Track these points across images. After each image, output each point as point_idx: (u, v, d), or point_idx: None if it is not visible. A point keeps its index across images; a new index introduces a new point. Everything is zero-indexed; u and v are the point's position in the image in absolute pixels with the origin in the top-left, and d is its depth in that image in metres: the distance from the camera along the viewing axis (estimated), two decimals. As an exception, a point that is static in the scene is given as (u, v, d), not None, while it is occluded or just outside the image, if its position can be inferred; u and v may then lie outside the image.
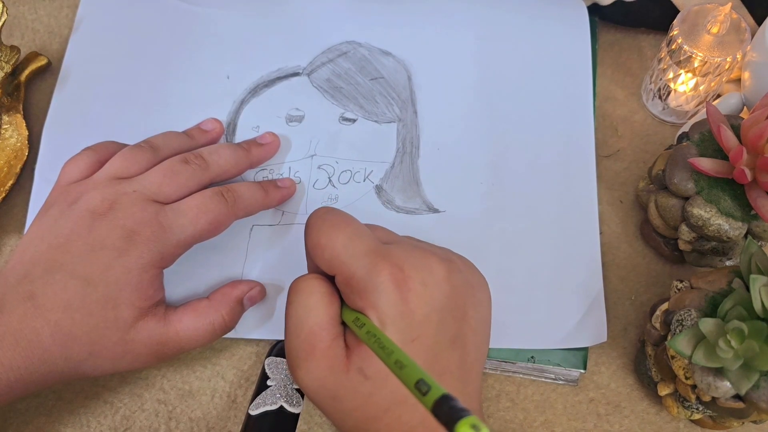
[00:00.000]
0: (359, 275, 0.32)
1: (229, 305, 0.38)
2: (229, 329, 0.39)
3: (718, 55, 0.43)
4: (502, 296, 0.41)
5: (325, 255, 0.33)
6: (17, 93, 0.47)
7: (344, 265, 0.32)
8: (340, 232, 0.33)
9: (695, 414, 0.38)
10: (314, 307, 0.33)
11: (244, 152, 0.42)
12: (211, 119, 0.45)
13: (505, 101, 0.47)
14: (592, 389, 0.42)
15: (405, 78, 0.47)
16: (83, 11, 0.49)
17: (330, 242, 0.33)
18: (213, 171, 0.39)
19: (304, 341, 0.32)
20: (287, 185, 0.43)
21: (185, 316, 0.37)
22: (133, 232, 0.35)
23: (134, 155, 0.38)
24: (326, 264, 0.33)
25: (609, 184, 0.47)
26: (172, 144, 0.41)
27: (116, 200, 0.36)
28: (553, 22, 0.50)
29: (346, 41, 0.48)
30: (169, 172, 0.38)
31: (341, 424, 0.33)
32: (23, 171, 0.45)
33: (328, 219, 0.34)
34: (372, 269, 0.31)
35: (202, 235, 0.37)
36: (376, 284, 0.31)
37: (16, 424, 0.40)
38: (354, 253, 0.32)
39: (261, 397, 0.38)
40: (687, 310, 0.35)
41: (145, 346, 0.36)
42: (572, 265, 0.43)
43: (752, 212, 0.38)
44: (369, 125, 0.46)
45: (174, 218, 0.36)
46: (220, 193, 0.38)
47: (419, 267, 0.32)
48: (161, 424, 0.40)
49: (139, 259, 0.35)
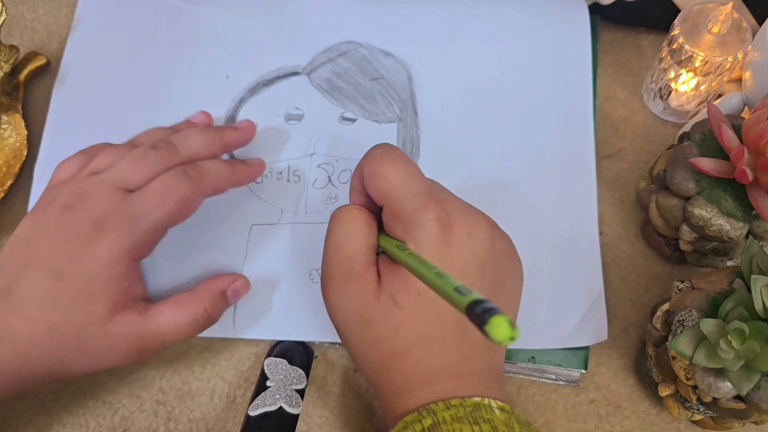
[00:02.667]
0: (408, 210, 0.33)
1: (211, 296, 0.38)
2: (212, 321, 0.38)
3: (719, 54, 0.43)
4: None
5: (380, 184, 0.34)
6: (16, 93, 0.47)
7: (397, 198, 0.34)
8: (401, 167, 0.34)
9: (696, 415, 0.38)
10: (355, 234, 0.34)
11: (216, 134, 0.41)
12: (201, 112, 0.44)
13: (505, 101, 0.47)
14: (592, 390, 0.42)
15: (405, 78, 0.47)
16: (81, 10, 0.49)
17: (389, 174, 0.34)
18: (183, 154, 0.39)
19: (341, 264, 0.34)
20: (256, 162, 0.42)
21: (166, 308, 0.36)
22: (101, 223, 0.34)
23: (114, 151, 0.38)
24: (379, 193, 0.34)
25: (610, 184, 0.47)
26: (153, 137, 0.40)
27: (84, 193, 0.36)
28: (553, 21, 0.49)
29: (346, 41, 0.48)
30: (136, 159, 0.37)
31: (365, 358, 0.34)
32: (22, 171, 0.45)
33: (392, 152, 0.35)
34: (422, 207, 0.33)
35: (173, 217, 0.36)
36: (423, 221, 0.33)
37: (15, 425, 0.39)
38: (409, 189, 0.34)
39: (260, 398, 0.38)
40: (688, 311, 0.35)
41: (125, 340, 0.35)
42: (572, 264, 0.43)
43: (753, 212, 0.38)
44: (369, 125, 0.46)
45: (140, 203, 0.35)
46: (184, 171, 0.37)
47: (466, 218, 0.34)
48: (160, 425, 0.40)
49: (109, 250, 0.34)
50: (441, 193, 0.35)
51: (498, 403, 0.31)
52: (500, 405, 0.31)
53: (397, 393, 0.33)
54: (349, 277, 0.34)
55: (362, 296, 0.33)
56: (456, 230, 0.33)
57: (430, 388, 0.32)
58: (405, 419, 0.31)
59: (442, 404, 0.31)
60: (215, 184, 0.39)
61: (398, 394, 0.33)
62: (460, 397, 0.31)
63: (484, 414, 0.30)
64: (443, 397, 0.31)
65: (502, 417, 0.31)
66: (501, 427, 0.30)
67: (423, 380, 0.32)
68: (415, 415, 0.31)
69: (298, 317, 0.41)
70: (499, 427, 0.30)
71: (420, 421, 0.31)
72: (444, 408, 0.31)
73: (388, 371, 0.33)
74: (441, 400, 0.31)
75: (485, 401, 0.31)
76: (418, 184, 0.34)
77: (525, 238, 0.43)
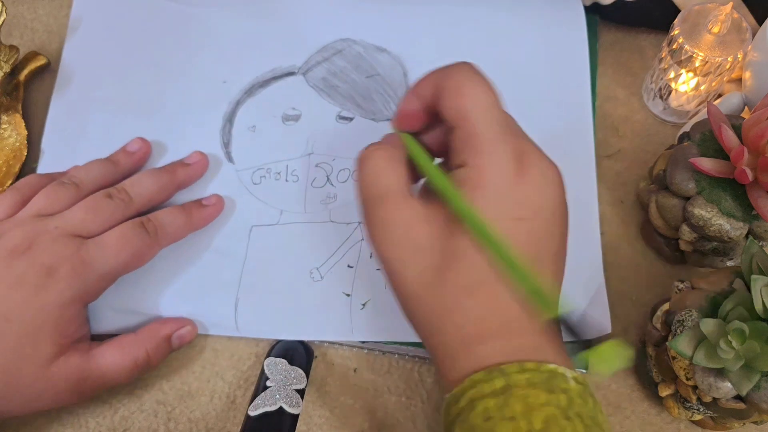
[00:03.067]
0: (486, 136, 0.31)
1: (155, 341, 0.38)
2: (152, 366, 0.39)
3: (719, 54, 0.43)
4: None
5: (464, 102, 0.31)
6: (16, 93, 0.47)
7: (477, 121, 0.31)
8: (488, 91, 0.32)
9: (696, 415, 0.38)
10: (384, 167, 0.32)
11: (169, 177, 0.41)
12: (137, 139, 0.44)
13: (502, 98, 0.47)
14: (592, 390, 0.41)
15: (401, 74, 0.47)
16: (77, 12, 0.49)
17: (474, 95, 0.31)
18: (137, 203, 0.40)
19: (380, 195, 0.32)
20: (213, 203, 0.42)
21: (108, 350, 0.37)
22: (53, 269, 0.35)
23: (57, 192, 0.39)
24: (458, 112, 0.31)
25: (610, 184, 0.47)
26: (94, 175, 0.40)
27: (36, 237, 0.36)
28: (550, 20, 0.49)
29: (341, 39, 0.48)
30: (92, 208, 0.38)
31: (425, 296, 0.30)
32: (22, 171, 0.45)
33: (479, 75, 0.32)
34: (500, 136, 0.31)
35: (126, 267, 0.38)
36: (499, 151, 0.30)
37: (14, 425, 0.39)
38: (492, 116, 0.31)
39: (260, 398, 0.38)
40: (688, 311, 0.35)
41: (66, 381, 0.36)
42: (574, 263, 0.42)
43: (753, 212, 0.38)
44: (366, 123, 0.46)
45: (96, 252, 0.36)
46: (141, 224, 0.38)
47: (542, 160, 0.32)
48: (160, 425, 0.40)
49: (60, 295, 0.35)
50: (520, 130, 0.33)
51: (573, 374, 0.29)
52: (574, 376, 0.29)
53: (464, 342, 0.29)
54: (393, 204, 0.31)
55: (413, 219, 0.31)
56: (531, 169, 0.31)
57: (504, 341, 0.29)
58: (472, 377, 0.28)
59: (516, 365, 0.28)
60: (172, 235, 0.40)
61: (466, 343, 0.29)
62: (536, 361, 0.28)
63: (560, 383, 0.28)
64: (518, 358, 0.28)
65: (578, 389, 0.28)
66: (577, 399, 0.28)
67: (496, 327, 0.29)
68: (485, 373, 0.28)
69: (298, 317, 0.41)
70: (575, 399, 0.28)
71: (491, 381, 0.28)
72: (518, 370, 0.28)
73: (452, 313, 0.30)
74: (516, 361, 0.28)
75: (560, 369, 0.28)
76: (501, 114, 0.32)
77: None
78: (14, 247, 0.36)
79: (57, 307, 0.35)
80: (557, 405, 0.27)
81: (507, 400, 0.27)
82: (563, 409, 0.27)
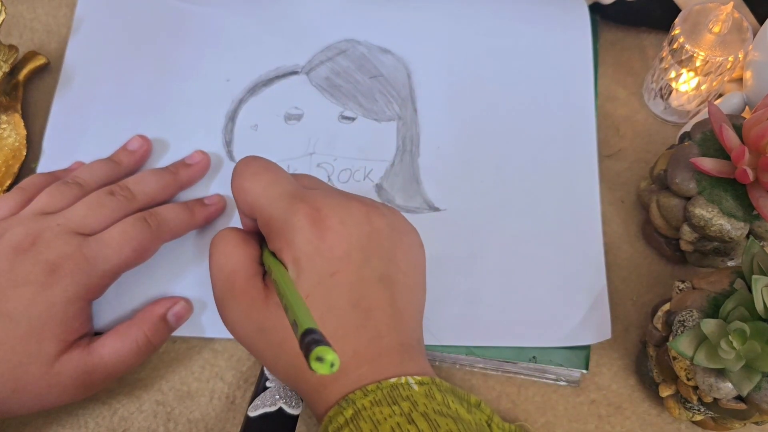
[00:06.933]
0: (276, 216, 0.33)
1: (151, 322, 0.38)
2: (154, 348, 0.39)
3: (719, 54, 0.43)
4: (504, 294, 0.41)
5: (247, 198, 0.35)
6: (15, 92, 0.47)
7: (263, 208, 0.34)
8: (261, 177, 0.35)
9: (697, 415, 0.38)
10: (230, 252, 0.34)
11: (171, 176, 0.42)
12: (136, 136, 0.44)
13: (505, 100, 0.47)
14: (593, 390, 0.41)
15: (404, 76, 0.47)
16: (81, 11, 0.49)
17: (251, 186, 0.34)
18: (140, 200, 0.40)
19: (224, 282, 0.34)
20: (214, 202, 0.42)
21: (108, 340, 0.37)
22: (57, 266, 0.35)
23: (60, 191, 0.39)
24: (248, 207, 0.35)
25: (610, 184, 0.47)
26: (98, 175, 0.41)
27: (39, 235, 0.36)
28: (554, 20, 0.49)
29: (345, 39, 0.48)
30: (94, 205, 0.38)
31: (276, 364, 0.33)
32: (21, 171, 0.45)
33: (251, 165, 0.35)
34: (288, 209, 0.33)
35: (129, 263, 0.38)
36: (293, 223, 0.32)
37: (14, 425, 0.39)
38: (273, 196, 0.34)
39: (260, 399, 0.37)
40: (689, 311, 0.35)
41: (71, 377, 0.36)
42: (575, 263, 0.43)
43: (754, 212, 0.38)
44: (369, 123, 0.46)
45: (98, 249, 0.36)
46: (143, 219, 0.38)
47: (338, 207, 0.33)
48: (159, 426, 0.40)
49: (64, 292, 0.35)
50: (309, 189, 0.35)
51: (415, 378, 0.31)
52: (418, 379, 0.31)
53: (314, 391, 0.32)
54: (234, 292, 0.33)
55: (251, 307, 0.33)
56: (329, 222, 0.32)
57: (344, 380, 0.31)
58: (328, 414, 0.31)
59: (359, 392, 0.30)
60: (174, 231, 0.40)
61: (315, 391, 0.32)
62: (375, 381, 0.31)
63: (402, 392, 0.30)
64: (359, 385, 0.31)
65: (422, 390, 0.30)
66: (421, 400, 0.30)
67: (333, 373, 0.32)
68: (336, 408, 0.31)
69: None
70: (419, 400, 0.30)
71: (341, 413, 0.30)
72: (362, 395, 0.30)
73: (299, 370, 0.32)
74: (358, 389, 0.31)
75: (402, 380, 0.31)
76: (281, 188, 0.34)
77: (526, 236, 0.43)
78: (17, 244, 0.36)
79: (61, 304, 0.35)
80: (401, 413, 0.29)
81: (358, 423, 0.29)
82: (407, 414, 0.29)
